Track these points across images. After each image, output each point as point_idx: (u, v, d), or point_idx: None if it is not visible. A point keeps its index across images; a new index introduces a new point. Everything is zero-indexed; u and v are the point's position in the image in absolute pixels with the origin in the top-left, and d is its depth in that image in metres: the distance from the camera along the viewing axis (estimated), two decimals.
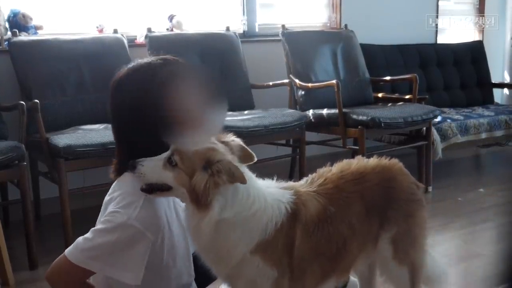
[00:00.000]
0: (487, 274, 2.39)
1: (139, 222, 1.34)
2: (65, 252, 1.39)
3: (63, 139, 2.69)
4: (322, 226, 1.45)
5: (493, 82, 5.14)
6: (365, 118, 3.47)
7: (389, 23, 4.75)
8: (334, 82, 3.59)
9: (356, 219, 1.52)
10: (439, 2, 5.13)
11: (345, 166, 1.60)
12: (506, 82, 5.55)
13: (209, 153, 1.32)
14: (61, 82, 3.16)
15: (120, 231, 1.34)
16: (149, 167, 1.33)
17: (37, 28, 3.51)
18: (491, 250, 2.67)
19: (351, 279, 1.89)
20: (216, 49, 3.77)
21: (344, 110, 3.56)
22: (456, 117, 4.20)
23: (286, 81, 3.89)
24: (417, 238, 1.65)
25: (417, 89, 3.97)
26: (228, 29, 3.96)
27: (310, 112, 3.78)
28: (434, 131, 3.89)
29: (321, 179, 1.54)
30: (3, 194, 3.13)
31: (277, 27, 4.10)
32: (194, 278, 1.62)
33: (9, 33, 3.33)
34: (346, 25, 4.40)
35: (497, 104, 5.06)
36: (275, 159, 3.62)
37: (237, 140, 1.43)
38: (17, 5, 3.44)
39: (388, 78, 4.27)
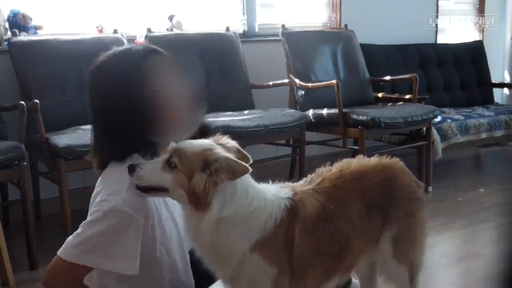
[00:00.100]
0: (487, 274, 2.39)
1: (126, 206, 1.32)
2: (58, 252, 1.37)
3: (63, 139, 2.69)
4: (322, 224, 1.45)
5: (493, 82, 5.14)
6: (365, 118, 3.47)
7: (389, 23, 4.74)
8: (334, 82, 3.59)
9: (357, 217, 1.52)
10: (439, 2, 5.13)
11: (344, 165, 1.59)
12: (506, 82, 5.54)
13: (207, 153, 1.32)
14: (61, 82, 3.16)
15: (109, 218, 1.33)
16: (148, 169, 1.33)
17: (37, 28, 3.51)
18: (491, 250, 2.67)
19: (353, 280, 1.88)
20: (216, 49, 3.77)
21: (344, 110, 3.56)
22: (456, 117, 4.20)
23: (286, 81, 3.89)
24: (417, 237, 1.65)
25: (417, 89, 3.97)
26: (228, 29, 3.96)
27: (310, 112, 3.78)
28: (434, 131, 3.89)
29: (320, 179, 1.54)
30: (3, 194, 3.13)
31: (277, 27, 4.09)
32: (194, 280, 1.60)
33: (9, 33, 3.34)
34: (346, 25, 4.40)
35: (497, 104, 5.05)
36: (275, 159, 3.62)
37: (233, 142, 1.43)
38: (17, 5, 3.44)
39: (388, 78, 4.27)
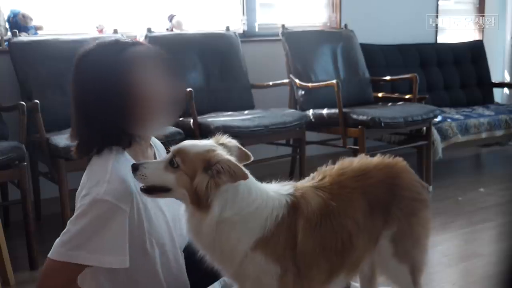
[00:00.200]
0: (487, 273, 2.39)
1: (109, 195, 1.33)
2: (48, 254, 1.37)
3: (63, 139, 2.69)
4: (325, 220, 1.45)
5: (493, 81, 5.14)
6: (365, 117, 3.47)
7: (389, 23, 4.75)
8: (334, 82, 3.59)
9: (359, 214, 1.52)
10: (439, 1, 5.13)
11: (346, 163, 1.60)
12: (506, 81, 5.55)
13: (209, 154, 1.33)
14: (61, 82, 3.15)
15: (92, 210, 1.33)
16: (151, 169, 1.35)
17: (37, 28, 3.51)
18: (491, 250, 2.67)
19: (352, 284, 1.88)
20: (216, 49, 3.77)
21: (344, 109, 3.57)
22: (456, 116, 4.20)
23: (286, 81, 3.90)
24: (419, 238, 1.64)
25: (417, 88, 3.97)
26: (228, 29, 3.96)
27: (310, 112, 3.78)
28: (434, 131, 3.89)
29: (321, 176, 1.55)
30: (4, 194, 3.13)
31: (277, 27, 4.09)
32: (187, 277, 1.60)
33: (9, 33, 3.34)
34: (346, 25, 4.40)
35: (497, 103, 5.06)
36: (275, 159, 3.62)
37: (233, 141, 1.45)
38: (17, 6, 3.44)
39: (388, 77, 4.27)
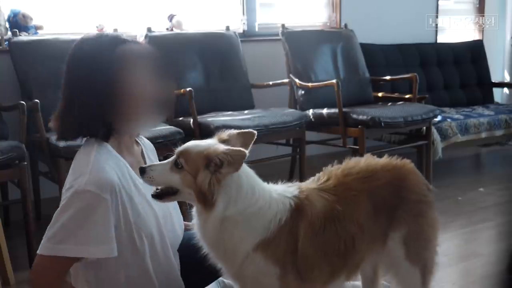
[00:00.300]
0: (487, 273, 2.40)
1: (90, 185, 1.34)
2: (37, 251, 1.38)
3: None
4: (329, 224, 1.44)
5: (493, 81, 5.14)
6: (365, 117, 3.47)
7: (389, 23, 4.75)
8: (334, 81, 3.59)
9: (364, 217, 1.52)
10: (439, 1, 5.13)
11: (352, 163, 1.59)
12: (506, 81, 5.55)
13: (208, 151, 1.34)
14: (61, 82, 3.15)
15: (75, 202, 1.34)
16: (157, 171, 1.38)
17: (37, 28, 3.51)
18: (491, 249, 2.67)
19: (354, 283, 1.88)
20: (216, 49, 3.77)
21: (344, 109, 3.57)
22: (456, 116, 4.20)
23: (286, 80, 3.90)
24: (429, 238, 1.64)
25: (417, 88, 3.97)
26: (228, 28, 3.96)
27: (310, 111, 3.78)
28: (434, 131, 3.90)
29: (327, 177, 1.54)
30: (4, 194, 3.13)
31: (277, 27, 4.09)
32: (178, 270, 1.59)
33: (9, 33, 3.34)
34: (346, 25, 4.40)
35: (497, 103, 5.06)
36: (275, 158, 3.62)
37: (232, 131, 1.46)
38: (17, 5, 3.44)
39: (388, 77, 4.27)
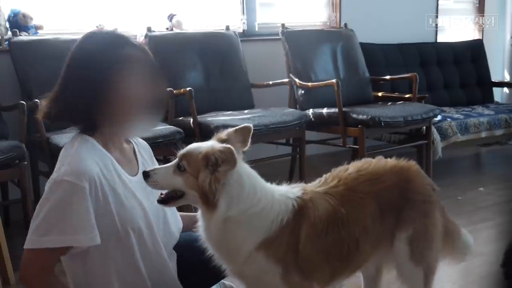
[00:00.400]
0: (487, 273, 2.40)
1: (67, 175, 1.37)
2: (23, 246, 1.40)
3: (64, 138, 2.69)
4: (332, 228, 1.45)
5: (493, 81, 5.14)
6: (365, 117, 3.47)
7: (389, 22, 4.74)
8: (334, 81, 3.60)
9: (370, 220, 1.52)
10: (439, 1, 5.13)
11: (363, 165, 1.60)
12: (506, 81, 5.55)
13: (206, 151, 1.35)
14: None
15: (55, 192, 1.36)
16: (161, 174, 1.40)
17: (37, 27, 3.51)
18: (491, 249, 2.67)
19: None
20: (215, 49, 3.77)
21: (344, 109, 3.57)
22: (456, 116, 4.20)
23: (286, 80, 3.90)
24: (433, 239, 1.64)
25: (417, 88, 3.98)
26: (227, 28, 3.96)
27: (310, 111, 3.78)
28: (434, 130, 3.89)
29: (335, 180, 1.54)
30: (4, 193, 3.14)
31: (277, 26, 4.09)
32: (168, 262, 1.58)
33: (10, 33, 3.34)
34: (346, 24, 4.40)
35: (497, 103, 5.06)
36: (275, 158, 3.62)
37: (229, 130, 1.48)
38: (17, 5, 3.44)
39: (388, 77, 4.27)
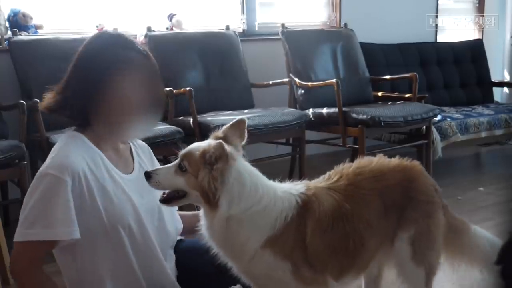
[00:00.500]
0: (487, 273, 2.39)
1: (50, 168, 1.40)
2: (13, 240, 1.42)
3: None
4: (337, 223, 1.45)
5: (493, 80, 5.14)
6: (365, 117, 3.47)
7: (389, 22, 4.75)
8: (334, 81, 3.60)
9: (374, 216, 1.52)
10: (439, 1, 5.13)
11: (364, 163, 1.60)
12: (506, 80, 5.55)
13: (204, 150, 1.36)
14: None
15: (39, 186, 1.39)
16: (163, 174, 1.40)
17: (37, 27, 3.51)
18: None
19: None
20: (215, 48, 3.77)
21: (344, 109, 3.57)
22: (456, 115, 4.20)
23: (286, 80, 3.90)
24: (435, 240, 1.64)
25: (417, 87, 3.98)
26: (227, 28, 3.96)
27: (310, 111, 3.78)
28: (434, 130, 3.89)
29: (338, 176, 1.54)
30: (4, 193, 3.14)
31: (277, 26, 4.09)
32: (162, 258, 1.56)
33: (9, 32, 3.34)
34: (346, 24, 4.40)
35: (497, 102, 5.06)
36: (275, 158, 3.62)
37: (225, 127, 1.50)
38: (17, 5, 3.44)
39: (388, 77, 4.27)
